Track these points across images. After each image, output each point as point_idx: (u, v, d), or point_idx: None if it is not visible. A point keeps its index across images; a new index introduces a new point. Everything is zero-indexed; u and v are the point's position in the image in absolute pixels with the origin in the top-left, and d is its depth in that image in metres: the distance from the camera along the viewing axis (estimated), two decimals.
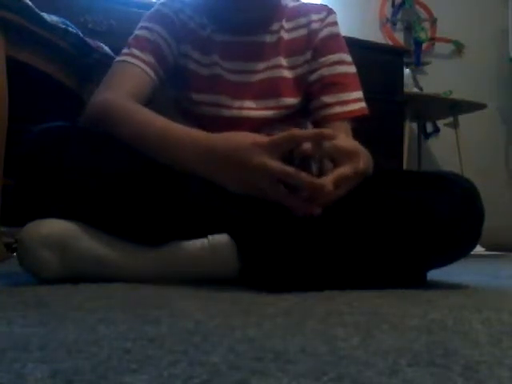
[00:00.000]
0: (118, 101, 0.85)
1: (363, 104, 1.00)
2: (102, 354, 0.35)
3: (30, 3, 1.22)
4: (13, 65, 1.19)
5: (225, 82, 0.98)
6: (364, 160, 0.77)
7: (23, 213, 0.79)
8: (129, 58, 0.94)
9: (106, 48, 1.50)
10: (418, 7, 3.18)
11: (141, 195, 0.78)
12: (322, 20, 1.02)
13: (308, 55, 1.01)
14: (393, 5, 3.14)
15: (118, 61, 0.95)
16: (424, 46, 3.13)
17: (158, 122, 0.81)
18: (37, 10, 1.24)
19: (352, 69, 1.02)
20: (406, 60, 2.79)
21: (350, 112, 0.98)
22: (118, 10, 1.98)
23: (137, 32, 0.98)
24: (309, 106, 1.03)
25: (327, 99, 0.98)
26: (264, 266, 0.77)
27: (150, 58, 0.94)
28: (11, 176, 0.84)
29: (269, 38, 1.01)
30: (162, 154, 0.79)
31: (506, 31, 3.30)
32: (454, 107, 2.78)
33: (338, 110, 0.97)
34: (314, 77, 1.00)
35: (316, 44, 1.01)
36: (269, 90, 0.99)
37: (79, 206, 0.77)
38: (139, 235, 0.79)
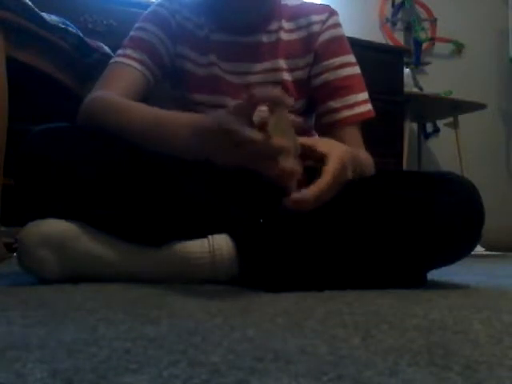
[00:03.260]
0: (107, 97, 0.85)
1: (369, 106, 0.98)
2: (102, 354, 0.35)
3: (29, 3, 1.22)
4: (13, 65, 1.19)
5: (224, 82, 0.98)
6: (346, 160, 0.74)
7: (23, 213, 0.79)
8: (122, 59, 0.94)
9: (106, 48, 1.50)
10: (418, 7, 3.18)
11: (141, 195, 0.78)
12: (323, 22, 0.99)
13: (309, 58, 0.99)
14: (393, 5, 3.14)
15: (112, 62, 0.95)
16: (424, 45, 3.13)
17: (144, 110, 0.80)
18: (37, 9, 1.24)
19: (357, 70, 0.99)
20: (406, 60, 2.79)
21: (359, 115, 0.96)
22: (117, 10, 1.98)
23: (132, 33, 0.98)
24: (315, 111, 1.02)
25: (334, 104, 0.96)
26: (264, 265, 0.77)
27: (143, 57, 0.94)
28: (11, 176, 0.84)
29: (267, 38, 0.99)
30: (150, 140, 0.76)
31: (506, 31, 3.30)
32: (454, 107, 2.78)
33: (345, 114, 0.96)
34: (318, 81, 0.98)
35: (317, 47, 0.99)
36: None
37: (79, 205, 0.77)
38: (139, 235, 0.79)
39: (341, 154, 0.73)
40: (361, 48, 2.32)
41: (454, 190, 0.80)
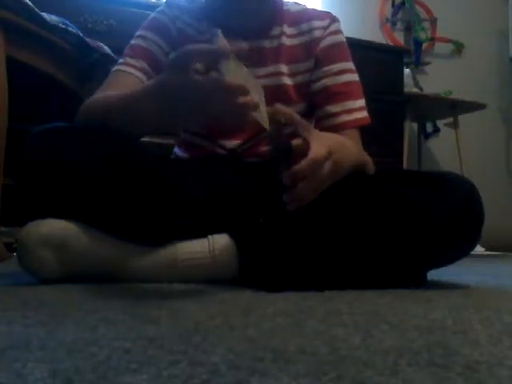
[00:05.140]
0: (97, 96, 0.87)
1: (366, 113, 0.99)
2: (102, 354, 0.35)
3: (29, 3, 1.22)
4: (13, 65, 1.19)
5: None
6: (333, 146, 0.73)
7: (23, 213, 0.79)
8: (122, 67, 0.95)
9: (106, 48, 1.50)
10: (418, 7, 3.18)
11: (141, 195, 0.78)
12: (324, 28, 1.00)
13: (310, 63, 1.00)
14: (393, 5, 3.14)
15: (113, 71, 0.96)
16: (424, 45, 3.13)
17: (121, 92, 0.81)
18: (37, 10, 1.24)
19: (355, 77, 1.01)
20: (405, 60, 2.78)
21: (356, 121, 0.97)
22: (117, 10, 1.98)
23: (132, 42, 0.99)
24: (314, 115, 1.02)
25: (332, 109, 0.97)
26: (264, 265, 0.77)
27: (142, 64, 0.95)
28: (11, 176, 0.84)
29: (269, 44, 1.00)
30: (124, 118, 0.77)
31: (506, 31, 3.29)
32: (454, 107, 2.78)
33: (343, 119, 0.97)
34: (317, 86, 0.99)
35: (318, 53, 1.00)
36: (270, 96, 0.98)
37: (79, 205, 0.77)
38: (139, 235, 0.79)
39: (325, 137, 0.74)
40: (361, 48, 2.32)
41: (454, 189, 0.80)
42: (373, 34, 2.95)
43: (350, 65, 1.01)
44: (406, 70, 2.76)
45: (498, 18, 3.34)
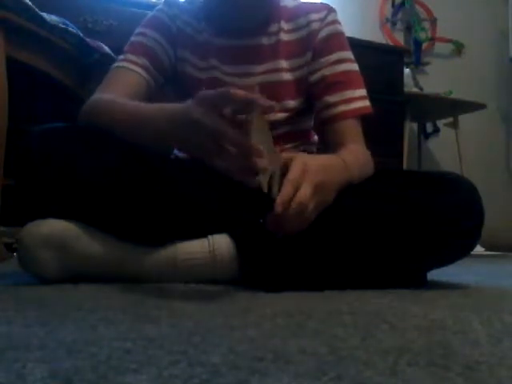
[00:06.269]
0: (104, 97, 0.87)
1: (367, 102, 0.98)
2: (102, 353, 0.35)
3: (29, 3, 1.22)
4: (13, 65, 1.19)
5: (225, 84, 0.98)
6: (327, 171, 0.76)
7: (23, 213, 0.79)
8: (122, 63, 0.95)
9: (106, 48, 1.50)
10: (418, 7, 3.18)
11: (140, 195, 0.78)
12: (321, 20, 0.99)
13: (308, 56, 0.99)
14: (393, 5, 3.14)
15: (114, 67, 0.96)
16: (424, 45, 3.12)
17: (130, 105, 0.82)
18: (37, 10, 1.24)
19: (354, 66, 0.99)
20: (406, 60, 2.78)
21: (355, 110, 0.96)
22: (117, 10, 1.98)
23: (132, 38, 0.99)
24: (313, 107, 1.02)
25: (331, 98, 0.96)
26: (264, 265, 0.77)
27: (143, 61, 0.95)
28: (11, 176, 0.84)
29: (267, 41, 0.99)
30: (135, 133, 0.78)
31: (506, 31, 3.29)
32: (454, 107, 2.78)
33: (342, 108, 0.95)
34: (315, 77, 0.98)
35: (316, 44, 0.99)
36: (268, 93, 0.97)
37: (79, 205, 0.77)
38: (139, 235, 0.79)
39: (304, 160, 0.73)
40: (361, 48, 2.31)
41: (453, 189, 0.80)
42: (373, 33, 2.95)
43: (349, 54, 1.00)
44: (406, 70, 2.76)
45: (498, 18, 3.34)
